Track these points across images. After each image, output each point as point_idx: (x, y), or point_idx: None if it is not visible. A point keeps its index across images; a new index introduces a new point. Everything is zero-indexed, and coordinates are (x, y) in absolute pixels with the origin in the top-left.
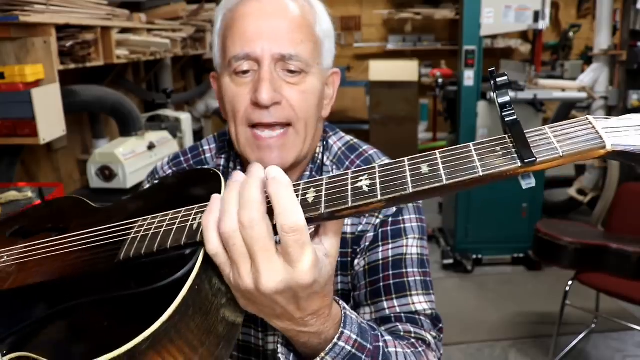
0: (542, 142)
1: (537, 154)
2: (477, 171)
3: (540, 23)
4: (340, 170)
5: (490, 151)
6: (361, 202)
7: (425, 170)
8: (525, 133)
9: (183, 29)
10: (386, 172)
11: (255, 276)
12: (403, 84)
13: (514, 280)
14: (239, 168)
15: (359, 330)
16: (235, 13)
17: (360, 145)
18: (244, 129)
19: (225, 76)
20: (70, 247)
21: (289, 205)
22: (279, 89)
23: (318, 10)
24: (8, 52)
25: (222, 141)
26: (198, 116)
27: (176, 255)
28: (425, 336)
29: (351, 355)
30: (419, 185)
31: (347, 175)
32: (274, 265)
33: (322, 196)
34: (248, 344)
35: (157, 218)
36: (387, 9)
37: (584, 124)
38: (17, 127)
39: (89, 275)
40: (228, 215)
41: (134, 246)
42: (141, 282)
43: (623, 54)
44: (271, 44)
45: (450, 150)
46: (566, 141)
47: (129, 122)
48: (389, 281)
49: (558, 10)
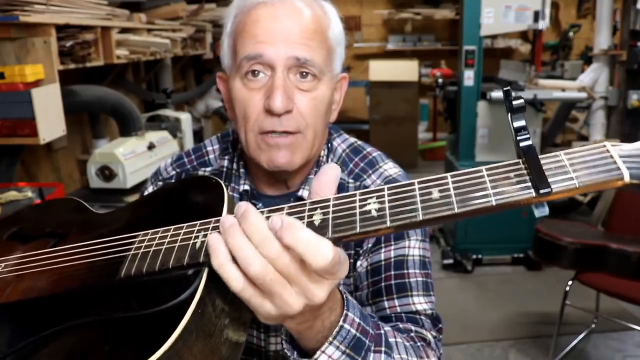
0: (557, 170)
1: (552, 183)
2: (490, 200)
3: (540, 23)
4: (344, 172)
5: (504, 177)
6: (370, 227)
7: (436, 195)
8: (541, 159)
9: (183, 29)
10: (396, 195)
11: (307, 294)
12: (403, 84)
13: (514, 280)
14: (242, 170)
15: (360, 315)
16: (248, 16)
17: (364, 147)
18: (254, 135)
19: (236, 79)
20: (69, 260)
21: (316, 248)
22: (292, 96)
23: (331, 15)
24: (8, 52)
25: (226, 142)
26: (198, 116)
27: (179, 275)
28: (426, 335)
29: (356, 339)
30: (430, 212)
31: (355, 197)
32: (317, 279)
33: (329, 219)
34: (250, 345)
35: (158, 234)
36: (387, 9)
37: (601, 151)
38: (17, 127)
39: (88, 292)
40: (250, 257)
41: (134, 264)
42: (143, 302)
43: (623, 54)
44: (286, 46)
45: (463, 175)
46: (582, 170)
47: (129, 122)
48: (390, 281)
49: (558, 10)
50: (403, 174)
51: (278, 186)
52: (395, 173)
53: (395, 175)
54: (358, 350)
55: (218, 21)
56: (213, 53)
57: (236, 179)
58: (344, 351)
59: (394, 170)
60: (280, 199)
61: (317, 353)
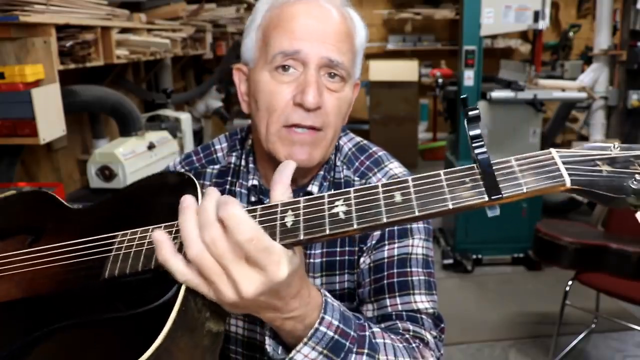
0: (508, 176)
1: (503, 189)
2: (447, 204)
3: (540, 23)
4: (350, 170)
5: (460, 182)
6: (338, 230)
7: (399, 199)
8: (493, 165)
9: (183, 29)
10: (361, 198)
11: (235, 287)
12: (403, 84)
13: (514, 280)
14: (252, 166)
15: (340, 317)
16: (282, 11)
17: (369, 146)
18: (277, 127)
19: (264, 71)
20: (51, 261)
21: (238, 220)
22: (322, 94)
23: (356, 22)
24: (8, 52)
25: (234, 140)
26: (198, 116)
27: (161, 274)
28: (424, 335)
29: (334, 341)
30: (393, 215)
31: (324, 199)
32: (247, 272)
33: (301, 221)
34: (253, 341)
35: (137, 234)
36: (387, 9)
37: (546, 158)
38: (17, 127)
39: (72, 294)
40: (190, 240)
41: (117, 265)
42: (128, 302)
43: (623, 54)
44: (320, 46)
45: (423, 179)
46: (530, 177)
47: (129, 122)
48: (393, 279)
49: (558, 10)
50: (408, 173)
51: None
52: (401, 172)
53: (400, 174)
54: (336, 351)
55: (218, 21)
56: (213, 53)
57: (244, 175)
58: (321, 352)
59: (399, 170)
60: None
61: (292, 352)
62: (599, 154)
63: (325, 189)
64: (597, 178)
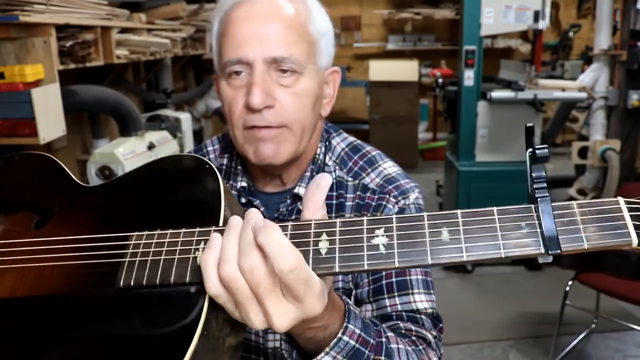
0: (569, 226)
1: (562, 241)
2: (500, 252)
3: (540, 23)
4: (343, 170)
5: (515, 226)
6: (377, 266)
7: (446, 237)
8: (554, 210)
9: (183, 29)
10: (404, 230)
11: (266, 317)
12: (403, 84)
13: (514, 280)
14: (240, 168)
15: (362, 325)
16: (228, 17)
17: (363, 146)
18: (240, 131)
19: (222, 80)
20: (60, 257)
21: (280, 249)
22: (272, 92)
23: (313, 9)
24: (8, 52)
25: (226, 141)
26: (198, 116)
27: (181, 291)
28: (426, 335)
29: (355, 349)
30: (438, 258)
31: (362, 226)
32: (282, 304)
33: (336, 250)
34: (249, 342)
35: (154, 239)
36: (387, 9)
37: (614, 209)
38: (17, 127)
39: (83, 299)
40: (227, 261)
41: (133, 273)
42: (146, 320)
43: (623, 54)
44: (262, 47)
45: (474, 215)
46: (593, 230)
47: (129, 122)
48: (391, 279)
49: (558, 10)
50: (402, 173)
51: (274, 182)
52: (394, 172)
53: (394, 174)
54: (356, 359)
55: None
56: None
57: (234, 177)
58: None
59: (393, 169)
60: (278, 196)
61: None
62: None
63: None
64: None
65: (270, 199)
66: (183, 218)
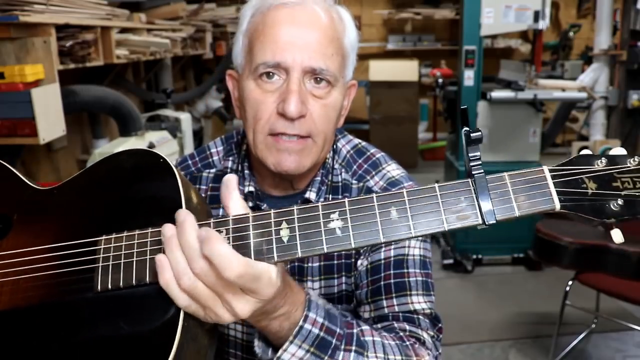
0: (503, 196)
1: (497, 212)
2: (443, 226)
3: (540, 23)
4: (348, 173)
5: (455, 200)
6: (335, 248)
7: (395, 216)
8: (489, 182)
9: (183, 29)
10: (356, 213)
11: (231, 310)
12: (403, 84)
13: (514, 280)
14: (247, 172)
15: (325, 314)
16: (266, 17)
17: (368, 148)
18: (263, 137)
19: (250, 80)
20: (31, 268)
21: (224, 259)
22: (305, 101)
23: (346, 21)
24: (8, 52)
25: (230, 144)
26: (198, 116)
27: (157, 289)
28: (421, 334)
29: (320, 338)
30: (389, 235)
31: (318, 211)
32: (240, 297)
33: (297, 237)
34: (251, 344)
35: (123, 241)
36: (387, 9)
37: (540, 178)
38: (17, 127)
39: (64, 306)
40: (182, 274)
41: (109, 277)
42: (127, 318)
43: (623, 54)
44: (303, 55)
45: (418, 193)
46: (523, 199)
47: (129, 122)
48: (389, 280)
49: (558, 10)
50: (406, 175)
51: (283, 187)
52: (398, 174)
53: (397, 176)
54: (323, 349)
55: (218, 21)
56: (213, 53)
57: (241, 180)
58: (308, 349)
59: (396, 172)
60: (287, 200)
61: (279, 351)
62: (587, 170)
63: (323, 193)
64: (583, 201)
65: (278, 203)
66: (146, 217)
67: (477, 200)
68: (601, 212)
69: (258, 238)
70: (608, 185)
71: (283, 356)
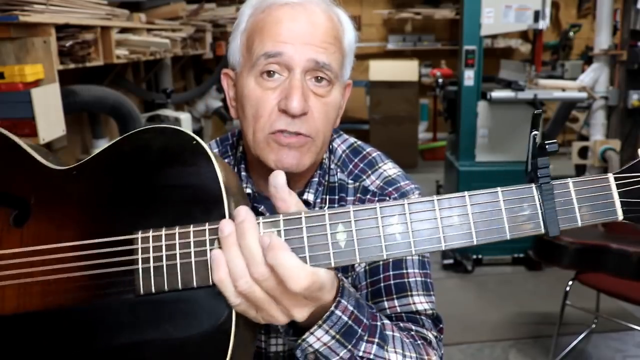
0: (566, 206)
1: (560, 222)
2: (505, 235)
3: (540, 23)
4: (344, 173)
5: (519, 208)
6: (395, 255)
7: (456, 221)
8: (554, 190)
9: (183, 29)
10: (416, 219)
11: (287, 313)
12: (403, 84)
13: (514, 280)
14: (243, 173)
15: (356, 304)
16: (267, 15)
17: (363, 147)
18: (263, 135)
19: (250, 77)
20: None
21: (291, 272)
22: (307, 99)
23: (345, 23)
24: (8, 52)
25: (225, 146)
26: (198, 116)
27: (206, 293)
28: (427, 334)
29: (347, 326)
30: (451, 244)
31: (377, 214)
32: (299, 303)
33: (355, 242)
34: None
35: (162, 240)
36: (387, 9)
37: (604, 188)
38: (17, 127)
39: (103, 309)
40: (239, 276)
41: (151, 280)
42: (175, 322)
43: (623, 54)
44: (307, 48)
45: (482, 195)
46: (585, 209)
47: (129, 122)
48: (389, 281)
49: (558, 10)
50: (402, 174)
51: None
52: (395, 173)
53: (394, 175)
54: (348, 337)
55: (218, 21)
56: (213, 53)
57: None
58: (334, 336)
59: (393, 171)
60: None
61: (305, 333)
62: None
63: (320, 194)
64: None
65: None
66: (182, 207)
67: (542, 212)
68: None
69: (313, 242)
70: None
71: (309, 339)
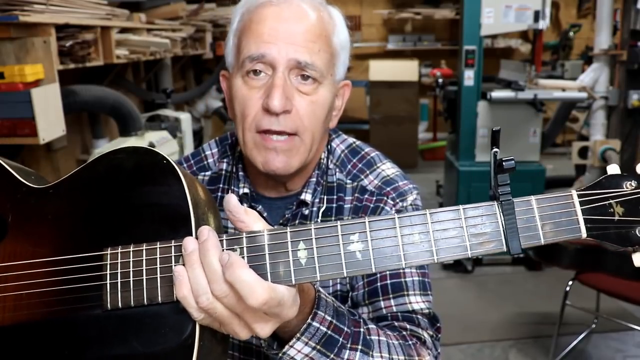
0: (528, 223)
1: (522, 239)
2: (467, 253)
3: (540, 23)
4: (342, 173)
5: (479, 224)
6: (356, 273)
7: (417, 239)
8: (515, 207)
9: (183, 28)
10: (377, 237)
11: (250, 329)
12: (403, 84)
13: (514, 280)
14: (241, 173)
15: (334, 313)
16: (253, 15)
17: (362, 147)
18: (251, 134)
19: (238, 77)
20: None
21: (249, 287)
22: (291, 97)
23: (337, 20)
24: (8, 52)
25: (224, 145)
26: (198, 116)
27: (170, 308)
28: (421, 334)
29: (327, 336)
30: (410, 262)
31: (337, 234)
32: (261, 319)
33: (315, 259)
34: (249, 345)
35: (130, 257)
36: (387, 9)
37: (568, 205)
38: (17, 127)
39: (71, 323)
40: (200, 293)
41: (118, 295)
42: (141, 337)
43: (623, 54)
44: (288, 48)
45: (443, 213)
46: (549, 227)
47: (129, 122)
48: (386, 281)
49: (558, 10)
50: (400, 174)
51: (277, 188)
52: (393, 173)
53: (392, 175)
54: (329, 346)
55: (218, 21)
56: (213, 53)
57: (235, 182)
58: (314, 347)
59: (391, 171)
60: (282, 202)
61: (285, 347)
62: (615, 193)
63: (318, 194)
64: (609, 229)
65: (273, 204)
66: (151, 224)
67: (504, 230)
68: (626, 239)
69: (274, 260)
70: (635, 209)
71: (289, 352)
